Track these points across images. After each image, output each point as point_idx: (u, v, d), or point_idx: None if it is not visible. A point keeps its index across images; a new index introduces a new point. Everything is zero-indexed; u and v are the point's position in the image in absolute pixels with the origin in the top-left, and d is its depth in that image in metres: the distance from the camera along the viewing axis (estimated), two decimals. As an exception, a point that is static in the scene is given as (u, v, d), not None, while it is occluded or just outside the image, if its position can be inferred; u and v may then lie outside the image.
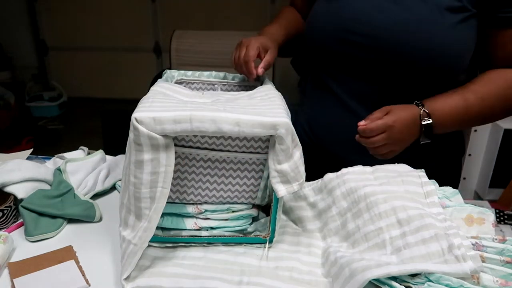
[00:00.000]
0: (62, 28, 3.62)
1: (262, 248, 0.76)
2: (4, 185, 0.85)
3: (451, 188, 0.79)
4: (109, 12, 3.51)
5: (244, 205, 0.77)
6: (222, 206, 0.76)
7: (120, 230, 0.71)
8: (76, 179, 0.94)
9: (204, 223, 0.76)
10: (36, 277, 0.69)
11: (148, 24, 3.55)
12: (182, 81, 0.93)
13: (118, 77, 3.68)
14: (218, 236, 0.77)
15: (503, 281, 0.60)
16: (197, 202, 0.76)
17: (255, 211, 0.78)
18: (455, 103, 0.81)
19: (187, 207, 0.76)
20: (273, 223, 0.75)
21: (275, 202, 0.73)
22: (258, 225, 0.79)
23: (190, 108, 0.65)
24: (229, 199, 0.76)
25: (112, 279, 0.70)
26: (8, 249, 0.74)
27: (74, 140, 3.07)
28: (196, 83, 0.93)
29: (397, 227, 0.69)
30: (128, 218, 0.69)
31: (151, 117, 0.62)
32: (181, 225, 0.76)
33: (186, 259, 0.73)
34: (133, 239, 0.67)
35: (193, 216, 0.77)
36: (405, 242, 0.66)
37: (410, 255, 0.65)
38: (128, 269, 0.67)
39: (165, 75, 0.91)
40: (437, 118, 0.81)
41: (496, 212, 0.91)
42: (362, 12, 0.84)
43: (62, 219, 0.84)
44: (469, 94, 0.81)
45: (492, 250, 0.64)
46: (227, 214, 0.77)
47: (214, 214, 0.76)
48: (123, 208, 0.70)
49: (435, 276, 0.60)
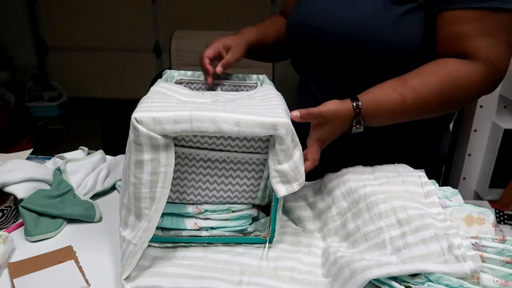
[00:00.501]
0: (62, 28, 3.63)
1: (262, 248, 0.76)
2: (4, 185, 0.85)
3: (451, 188, 0.79)
4: (109, 12, 3.51)
5: (244, 205, 0.77)
6: (222, 206, 0.76)
7: (120, 230, 0.70)
8: (76, 179, 0.94)
9: (204, 223, 0.76)
10: (36, 277, 0.69)
11: (148, 24, 3.55)
12: (182, 81, 0.93)
13: (118, 77, 3.68)
14: (218, 236, 0.77)
15: (503, 281, 0.60)
16: (197, 202, 0.76)
17: (255, 211, 0.78)
18: (391, 98, 0.79)
19: (187, 207, 0.76)
20: (273, 223, 0.75)
21: (275, 202, 0.73)
22: (258, 225, 0.79)
23: (190, 108, 0.65)
24: (229, 199, 0.76)
25: (112, 279, 0.70)
26: (8, 249, 0.74)
27: (74, 140, 3.07)
28: (196, 83, 0.93)
29: (397, 227, 0.69)
30: (128, 218, 0.69)
31: (151, 117, 0.62)
32: (181, 225, 0.76)
33: (186, 259, 0.73)
34: (133, 239, 0.67)
35: (193, 216, 0.77)
36: (405, 242, 0.66)
37: (410, 255, 0.65)
38: (128, 269, 0.67)
39: (165, 75, 0.91)
40: (368, 113, 0.78)
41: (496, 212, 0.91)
42: (323, 11, 0.89)
43: (62, 219, 0.84)
44: (407, 91, 0.78)
45: (492, 250, 0.64)
46: (227, 214, 0.77)
47: (214, 214, 0.76)
48: (123, 208, 0.70)
49: (435, 276, 0.60)
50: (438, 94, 0.77)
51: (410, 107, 0.78)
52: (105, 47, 3.64)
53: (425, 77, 0.78)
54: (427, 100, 0.78)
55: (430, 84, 0.77)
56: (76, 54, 3.70)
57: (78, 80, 3.73)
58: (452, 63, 0.78)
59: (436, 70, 0.78)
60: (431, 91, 0.77)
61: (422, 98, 0.77)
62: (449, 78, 0.77)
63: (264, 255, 0.74)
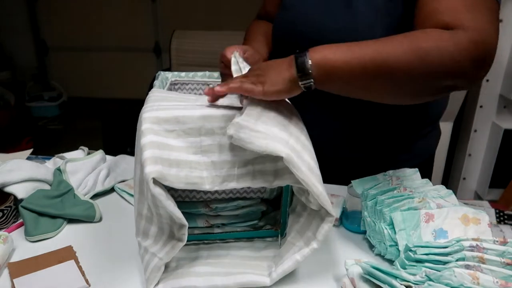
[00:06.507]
0: (62, 28, 3.63)
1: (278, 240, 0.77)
2: (4, 185, 0.85)
3: (444, 188, 0.80)
4: (109, 12, 3.51)
5: (253, 199, 0.78)
6: (232, 202, 0.77)
7: (139, 240, 0.69)
8: (76, 179, 0.94)
9: (215, 220, 0.77)
10: (36, 277, 0.69)
11: (148, 24, 3.55)
12: (177, 82, 0.93)
13: (118, 77, 3.68)
14: (230, 232, 0.77)
15: (503, 282, 0.59)
16: (206, 199, 0.77)
17: (264, 205, 0.79)
18: (345, 54, 0.64)
19: (197, 205, 0.76)
20: (283, 215, 0.76)
21: (285, 195, 0.74)
22: (268, 218, 0.80)
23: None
24: (238, 194, 0.77)
25: (112, 279, 0.70)
26: (8, 249, 0.74)
27: (74, 140, 3.07)
28: (190, 83, 0.93)
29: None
30: (149, 229, 0.67)
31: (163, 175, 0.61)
32: (192, 223, 0.76)
33: (211, 257, 0.73)
34: (159, 253, 0.66)
35: (204, 214, 0.77)
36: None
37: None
38: (153, 283, 0.67)
39: (159, 77, 0.91)
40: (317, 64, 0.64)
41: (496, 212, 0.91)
42: (311, 19, 0.85)
43: (62, 219, 0.84)
44: (366, 49, 0.63)
45: (493, 252, 0.64)
46: (237, 210, 0.77)
47: (224, 211, 0.77)
48: (142, 219, 0.68)
49: (436, 275, 0.60)
50: (401, 55, 0.61)
51: (369, 67, 0.62)
52: (105, 47, 3.64)
53: (389, 40, 0.63)
54: (387, 60, 0.61)
55: (394, 46, 0.62)
56: (76, 54, 3.70)
57: (78, 80, 3.73)
58: (425, 30, 0.64)
59: (403, 36, 0.63)
60: (393, 53, 0.61)
61: (383, 57, 0.61)
62: (416, 41, 0.61)
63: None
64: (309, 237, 0.67)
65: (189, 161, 0.64)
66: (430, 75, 0.61)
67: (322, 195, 0.61)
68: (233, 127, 0.61)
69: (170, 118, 0.64)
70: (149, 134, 0.63)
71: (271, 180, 0.65)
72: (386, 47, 0.62)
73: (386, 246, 0.74)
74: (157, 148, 0.62)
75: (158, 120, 0.64)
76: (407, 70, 0.61)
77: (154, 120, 0.64)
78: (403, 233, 0.72)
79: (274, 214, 0.80)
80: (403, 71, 0.61)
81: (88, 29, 3.58)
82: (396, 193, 0.79)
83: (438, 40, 0.60)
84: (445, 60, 0.60)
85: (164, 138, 0.64)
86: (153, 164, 0.60)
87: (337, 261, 0.75)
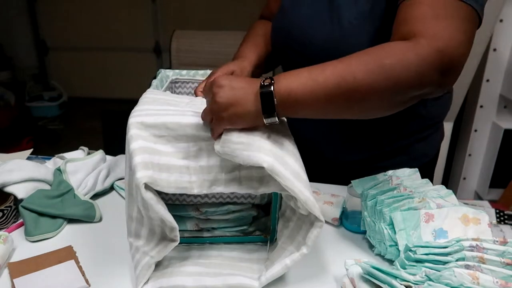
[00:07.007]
0: (62, 28, 3.63)
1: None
2: (4, 185, 0.85)
3: (444, 188, 0.79)
4: (109, 12, 3.51)
5: (244, 205, 0.77)
6: (222, 206, 0.76)
7: (131, 240, 0.70)
8: (76, 179, 0.94)
9: (205, 224, 0.77)
10: (36, 277, 0.69)
11: (148, 24, 3.55)
12: (177, 80, 0.92)
13: (118, 77, 3.68)
14: (220, 236, 0.77)
15: (503, 282, 0.59)
16: (197, 203, 0.76)
17: (255, 210, 0.78)
18: (308, 78, 0.62)
19: (187, 208, 0.76)
20: (273, 222, 0.75)
21: (275, 201, 0.73)
22: (259, 224, 0.79)
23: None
24: (228, 199, 0.76)
25: (112, 279, 0.70)
26: (8, 249, 0.74)
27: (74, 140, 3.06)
28: (191, 82, 0.93)
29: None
30: (141, 230, 0.68)
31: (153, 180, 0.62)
32: (182, 226, 0.76)
33: (203, 257, 0.73)
34: (151, 251, 0.67)
35: (194, 217, 0.77)
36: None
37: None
38: (143, 281, 0.67)
39: (159, 75, 0.91)
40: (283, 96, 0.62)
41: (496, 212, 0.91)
42: (304, 24, 0.87)
43: (62, 219, 0.84)
44: (326, 69, 0.62)
45: (493, 252, 0.64)
46: (227, 214, 0.77)
47: (214, 215, 0.76)
48: (133, 221, 0.68)
49: (436, 275, 0.60)
50: (366, 76, 0.59)
51: (334, 94, 0.60)
52: (105, 47, 3.64)
53: (353, 60, 0.62)
54: (353, 83, 0.60)
55: (358, 67, 0.60)
56: (76, 54, 3.70)
57: (78, 80, 3.73)
58: (388, 44, 0.63)
59: (366, 54, 0.62)
60: (358, 75, 0.59)
61: (348, 82, 0.60)
62: (379, 59, 0.60)
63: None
64: (299, 242, 0.67)
65: (178, 166, 0.65)
66: (397, 90, 0.60)
67: (309, 200, 0.61)
68: (218, 143, 0.63)
69: (158, 124, 0.65)
70: (138, 139, 0.64)
71: (257, 187, 0.65)
72: (350, 68, 0.60)
73: (386, 246, 0.74)
74: (147, 153, 0.63)
75: (144, 125, 0.65)
76: (374, 90, 0.60)
77: (140, 126, 0.65)
78: (403, 233, 0.72)
79: (265, 220, 0.79)
80: (370, 92, 0.60)
81: (88, 29, 3.58)
82: (396, 193, 0.79)
83: (400, 53, 0.60)
84: (410, 73, 0.59)
85: (153, 144, 0.65)
86: (144, 169, 0.61)
87: (337, 261, 0.75)
